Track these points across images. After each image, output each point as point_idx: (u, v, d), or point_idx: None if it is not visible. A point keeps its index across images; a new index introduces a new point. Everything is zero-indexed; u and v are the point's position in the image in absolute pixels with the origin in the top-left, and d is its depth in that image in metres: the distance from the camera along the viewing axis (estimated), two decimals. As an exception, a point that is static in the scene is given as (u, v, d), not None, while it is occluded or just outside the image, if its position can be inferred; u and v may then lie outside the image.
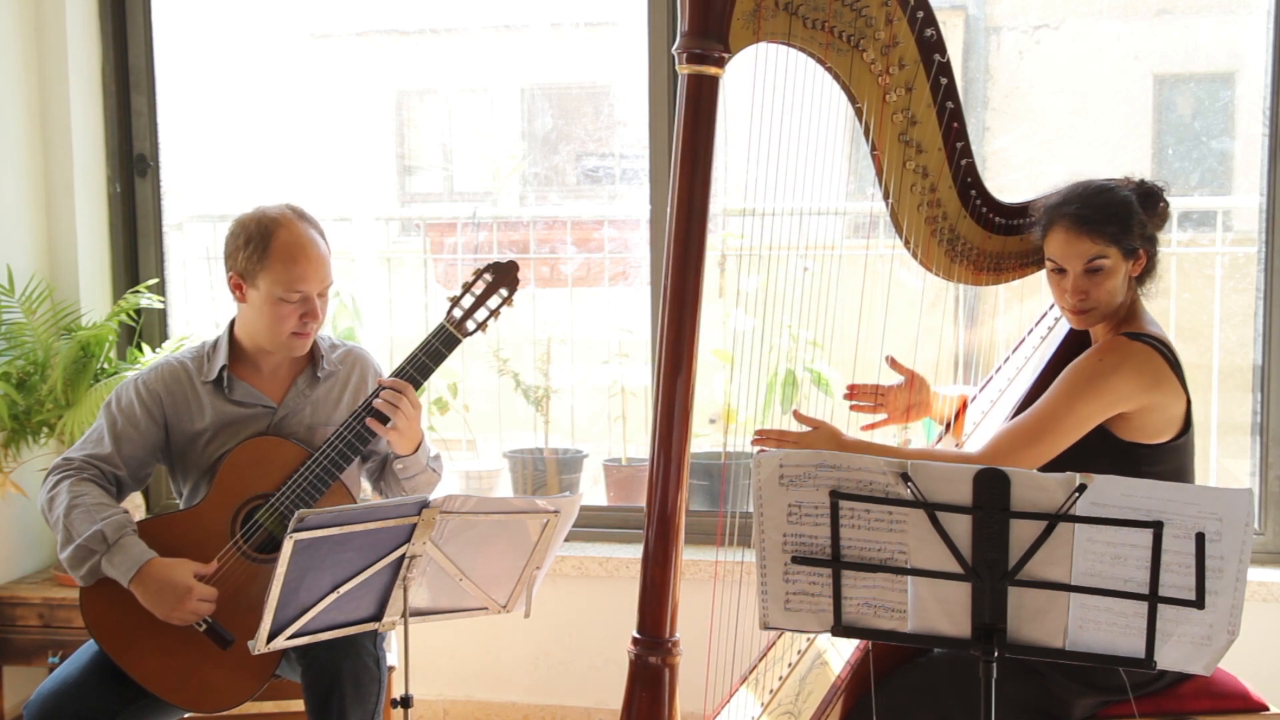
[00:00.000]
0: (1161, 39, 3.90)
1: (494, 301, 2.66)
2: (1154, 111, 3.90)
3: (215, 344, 2.69)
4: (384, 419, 2.55)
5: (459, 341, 2.64)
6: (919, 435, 3.20)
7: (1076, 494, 1.79)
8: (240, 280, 2.60)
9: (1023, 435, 2.41)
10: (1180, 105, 3.87)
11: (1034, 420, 2.41)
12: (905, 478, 1.86)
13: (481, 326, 2.66)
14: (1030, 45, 3.88)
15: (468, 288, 2.65)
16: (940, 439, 2.83)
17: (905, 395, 2.79)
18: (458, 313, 2.64)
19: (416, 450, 2.64)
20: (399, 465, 2.66)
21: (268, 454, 2.59)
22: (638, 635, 2.54)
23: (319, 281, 2.58)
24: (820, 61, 2.51)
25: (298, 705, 2.78)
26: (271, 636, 2.15)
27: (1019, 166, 3.76)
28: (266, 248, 2.55)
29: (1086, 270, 2.44)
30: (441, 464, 2.77)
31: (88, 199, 3.79)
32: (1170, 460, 2.44)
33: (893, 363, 2.79)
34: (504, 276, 2.67)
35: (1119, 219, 2.42)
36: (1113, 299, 2.46)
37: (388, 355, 4.18)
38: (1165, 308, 3.71)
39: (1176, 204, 2.83)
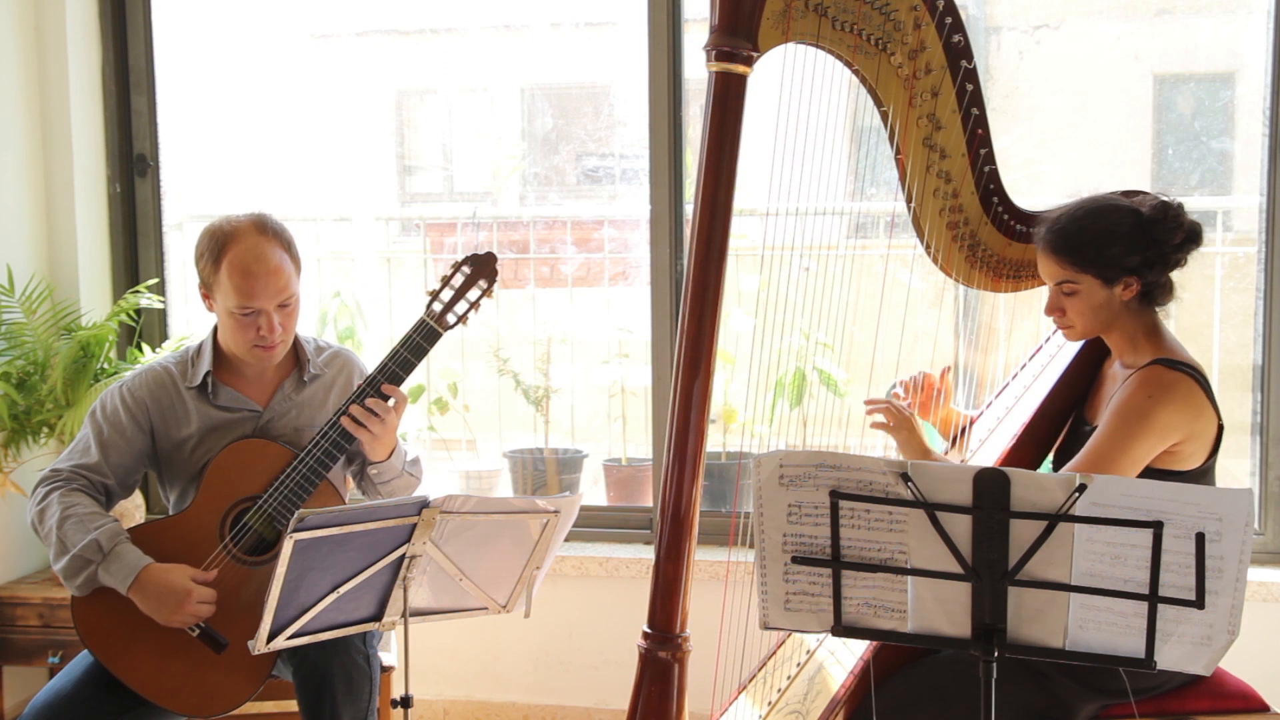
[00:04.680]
0: (1161, 39, 3.90)
1: (473, 294, 2.64)
2: (1154, 111, 3.89)
3: (199, 349, 2.67)
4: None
5: (440, 335, 2.62)
6: None
7: (1076, 494, 1.79)
8: (205, 291, 2.59)
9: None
10: (1180, 105, 3.87)
11: (1089, 464, 2.37)
12: (905, 478, 1.86)
13: (462, 319, 2.64)
14: (1030, 45, 3.88)
15: (446, 281, 2.63)
16: (945, 453, 2.83)
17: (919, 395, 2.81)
18: (437, 306, 2.62)
19: (390, 456, 2.63)
20: (373, 470, 2.65)
21: (253, 456, 2.58)
22: (648, 630, 2.55)
23: (271, 297, 2.52)
24: (848, 64, 2.50)
25: (296, 705, 2.78)
26: (271, 636, 2.15)
27: (1019, 166, 3.76)
28: (218, 262, 2.51)
29: (1060, 291, 2.44)
30: (420, 468, 2.76)
31: (88, 199, 3.79)
32: (1197, 483, 2.42)
33: (944, 374, 2.80)
34: (482, 268, 2.64)
35: (1092, 247, 2.37)
36: (1091, 319, 2.44)
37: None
38: (1166, 310, 3.70)
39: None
